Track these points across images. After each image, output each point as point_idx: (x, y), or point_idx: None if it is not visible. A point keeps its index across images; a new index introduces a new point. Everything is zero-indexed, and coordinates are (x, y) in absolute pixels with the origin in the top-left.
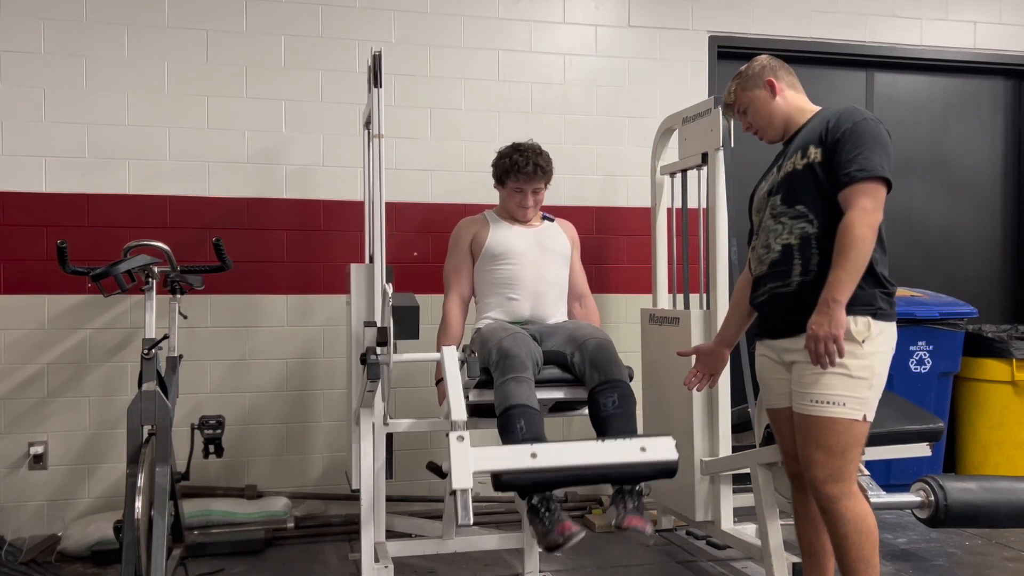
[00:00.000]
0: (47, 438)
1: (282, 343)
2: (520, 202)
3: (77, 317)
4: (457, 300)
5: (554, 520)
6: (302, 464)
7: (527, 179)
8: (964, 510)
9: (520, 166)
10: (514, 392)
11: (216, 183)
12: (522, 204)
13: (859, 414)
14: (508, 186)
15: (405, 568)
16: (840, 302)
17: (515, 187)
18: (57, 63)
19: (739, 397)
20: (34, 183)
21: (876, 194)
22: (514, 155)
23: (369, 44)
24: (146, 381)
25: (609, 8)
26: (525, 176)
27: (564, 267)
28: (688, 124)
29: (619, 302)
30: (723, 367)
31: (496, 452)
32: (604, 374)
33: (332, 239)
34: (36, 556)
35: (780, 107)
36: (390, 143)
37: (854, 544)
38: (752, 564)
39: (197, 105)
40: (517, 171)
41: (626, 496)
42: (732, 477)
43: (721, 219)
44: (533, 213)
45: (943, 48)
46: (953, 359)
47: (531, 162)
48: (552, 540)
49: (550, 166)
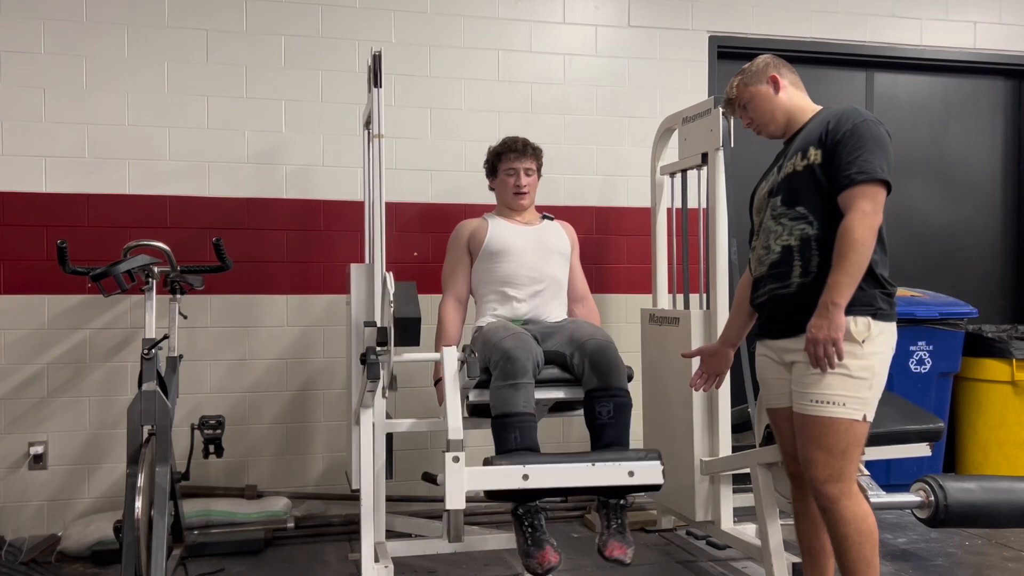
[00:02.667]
0: (47, 438)
1: (282, 343)
2: (515, 183)
3: (77, 317)
4: (453, 302)
5: (537, 541)
6: (302, 464)
7: (518, 157)
8: (964, 510)
9: (509, 145)
10: (511, 399)
11: (216, 183)
12: (517, 185)
13: (859, 414)
14: (501, 171)
15: (405, 568)
16: (840, 305)
17: (507, 169)
18: (57, 63)
19: (739, 397)
20: (34, 183)
21: (876, 196)
22: (503, 141)
23: (369, 44)
24: (146, 381)
25: (609, 8)
26: (516, 154)
27: (564, 265)
28: (688, 124)
29: (619, 302)
30: (727, 367)
31: (490, 472)
32: (603, 379)
33: (332, 239)
34: (36, 556)
35: (783, 103)
36: (390, 143)
37: (854, 544)
38: (752, 564)
39: (197, 105)
40: (508, 150)
41: (610, 512)
42: (732, 477)
43: (721, 219)
44: (529, 200)
45: (943, 48)
46: (953, 359)
47: (519, 140)
48: (531, 567)
49: (539, 150)
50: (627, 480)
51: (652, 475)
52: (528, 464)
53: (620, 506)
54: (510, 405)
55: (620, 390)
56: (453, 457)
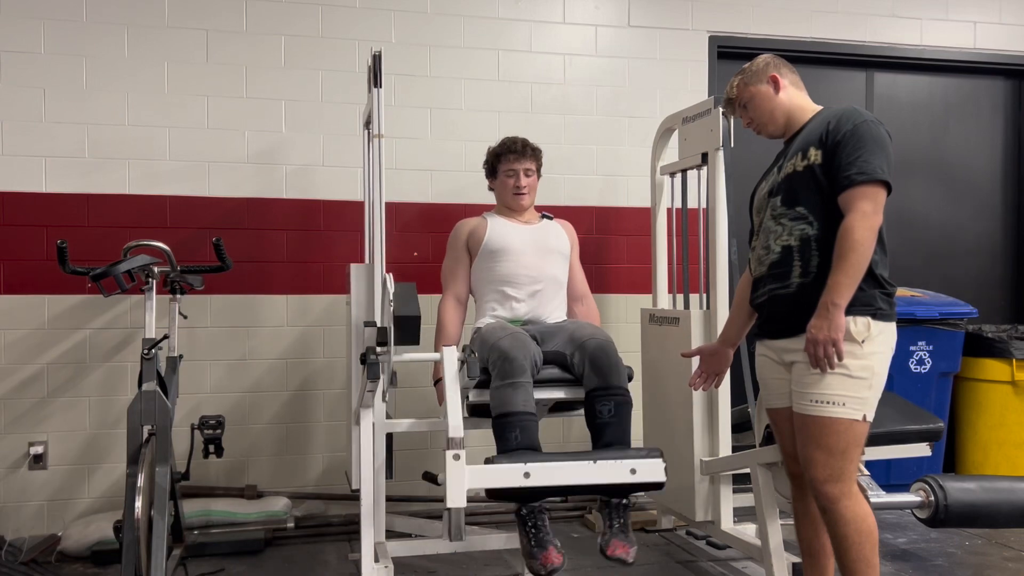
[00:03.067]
0: (47, 438)
1: (282, 343)
2: (515, 184)
3: (77, 317)
4: (452, 301)
5: (541, 542)
6: (302, 464)
7: (517, 158)
8: (964, 510)
9: (508, 146)
10: (511, 398)
11: (216, 183)
12: (516, 186)
13: (859, 414)
14: (500, 172)
15: (405, 568)
16: (840, 306)
17: (507, 170)
18: (57, 63)
19: (739, 397)
20: (34, 183)
21: (876, 197)
22: (502, 142)
23: (369, 44)
24: (146, 381)
25: (609, 8)
26: (515, 155)
27: (563, 264)
28: (688, 124)
29: (619, 302)
30: (727, 367)
31: (491, 470)
32: (603, 379)
33: (332, 239)
34: (36, 556)
35: (783, 102)
36: (390, 143)
37: (854, 544)
38: (752, 564)
39: (197, 105)
40: (507, 151)
41: (612, 512)
42: (732, 477)
43: (721, 219)
44: (529, 201)
45: (943, 48)
46: (953, 359)
47: (519, 141)
48: (534, 568)
49: (539, 151)
50: (629, 478)
51: (654, 472)
52: (529, 462)
53: (622, 505)
54: (510, 404)
55: (620, 389)
56: (454, 455)
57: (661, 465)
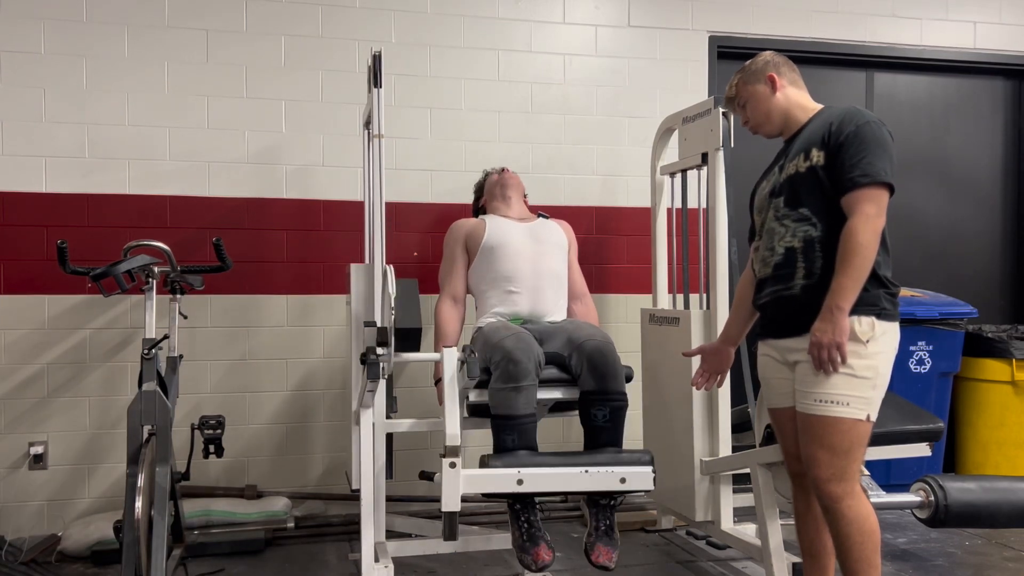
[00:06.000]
0: (47, 438)
1: (282, 343)
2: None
3: (77, 317)
4: (449, 301)
5: (532, 537)
6: (302, 464)
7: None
8: (964, 510)
9: (493, 171)
10: (512, 402)
11: (216, 183)
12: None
13: (863, 414)
14: (487, 188)
15: (405, 568)
16: (844, 309)
17: (494, 182)
18: (57, 63)
19: (739, 397)
20: (34, 183)
21: (879, 199)
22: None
23: (369, 44)
24: (146, 381)
25: (609, 8)
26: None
27: (562, 260)
28: (688, 124)
29: (619, 302)
30: (728, 366)
31: (485, 476)
32: (600, 383)
33: (332, 239)
34: (36, 556)
35: (779, 103)
36: (390, 143)
37: (856, 544)
38: (752, 564)
39: (197, 105)
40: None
41: (599, 512)
42: (732, 477)
43: (721, 219)
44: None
45: (943, 48)
46: (953, 359)
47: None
48: (524, 562)
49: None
50: (618, 486)
51: (643, 482)
52: (522, 468)
53: (610, 507)
54: (511, 408)
55: (617, 394)
56: (450, 463)
57: (650, 474)
